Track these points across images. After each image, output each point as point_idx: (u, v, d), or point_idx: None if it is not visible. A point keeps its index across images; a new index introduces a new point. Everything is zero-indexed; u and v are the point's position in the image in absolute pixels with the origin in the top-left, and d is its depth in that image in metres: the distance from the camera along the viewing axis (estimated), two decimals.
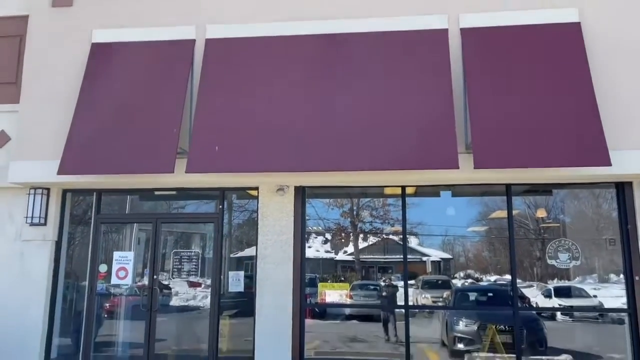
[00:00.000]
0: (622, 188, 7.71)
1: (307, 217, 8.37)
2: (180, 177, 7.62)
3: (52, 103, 8.29)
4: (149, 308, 8.23)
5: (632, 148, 7.16)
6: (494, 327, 7.82)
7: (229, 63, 7.91)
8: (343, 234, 9.03)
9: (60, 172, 7.65)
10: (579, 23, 7.54)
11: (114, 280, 8.43)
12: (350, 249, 9.01)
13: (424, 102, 7.26)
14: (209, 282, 8.40)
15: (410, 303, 7.99)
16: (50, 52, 8.54)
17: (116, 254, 8.54)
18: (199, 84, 7.82)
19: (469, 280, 8.59)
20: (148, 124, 7.68)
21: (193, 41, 8.20)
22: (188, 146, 7.59)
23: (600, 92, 7.18)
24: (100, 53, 8.32)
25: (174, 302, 8.65)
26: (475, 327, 7.95)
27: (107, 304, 8.60)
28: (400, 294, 8.07)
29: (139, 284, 8.59)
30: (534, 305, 8.11)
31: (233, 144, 7.38)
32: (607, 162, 6.71)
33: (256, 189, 8.32)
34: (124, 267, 8.42)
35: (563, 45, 7.41)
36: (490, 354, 7.76)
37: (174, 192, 8.88)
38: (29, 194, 8.29)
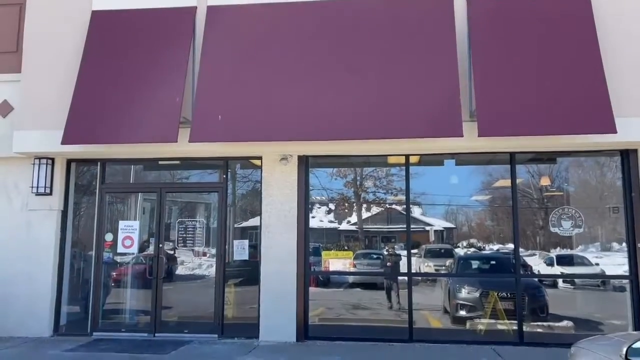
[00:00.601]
0: (627, 155, 7.68)
1: (310, 188, 8.40)
2: (183, 147, 7.62)
3: (54, 71, 8.24)
4: (155, 276, 8.33)
5: (639, 115, 7.10)
6: (496, 294, 7.91)
7: (231, 30, 7.83)
8: (346, 204, 9.06)
9: (64, 142, 7.66)
10: None
11: (120, 249, 8.53)
12: (353, 218, 9.06)
13: (428, 69, 7.19)
14: (213, 251, 8.49)
15: (413, 271, 8.07)
16: (50, 20, 8.45)
17: (122, 223, 8.62)
18: (200, 51, 7.76)
19: (472, 249, 8.65)
20: (151, 93, 7.65)
21: (194, 8, 8.10)
22: (191, 115, 7.57)
23: (606, 57, 7.08)
24: (101, 20, 8.23)
25: (180, 270, 8.76)
26: (477, 295, 8.04)
27: (114, 273, 8.71)
28: (403, 263, 8.14)
29: (145, 253, 8.68)
30: (536, 273, 8.17)
31: (236, 113, 7.36)
32: (612, 130, 6.68)
33: (260, 158, 8.32)
34: (129, 236, 8.50)
35: (570, 10, 7.29)
36: (492, 321, 7.86)
37: (177, 162, 8.90)
38: (34, 164, 8.32)
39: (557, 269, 8.11)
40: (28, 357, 6.92)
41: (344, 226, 8.99)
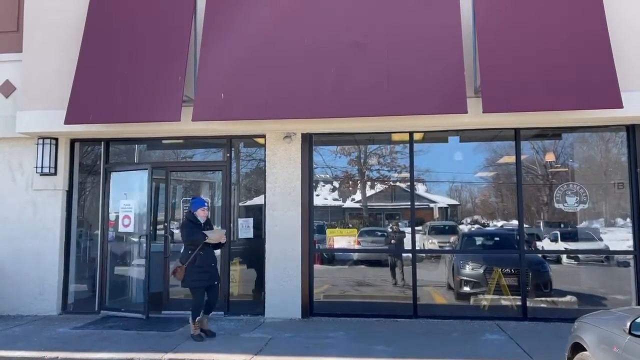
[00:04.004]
0: (633, 131, 7.63)
1: (314, 166, 8.39)
2: (186, 126, 7.60)
3: (55, 50, 8.19)
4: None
5: None
6: (499, 270, 7.94)
7: (233, 7, 7.71)
8: (351, 182, 9.06)
9: (66, 122, 7.65)
10: None
11: (121, 228, 8.43)
12: (357, 196, 9.06)
13: (432, 45, 7.10)
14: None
15: (418, 248, 8.10)
16: None
17: (121, 202, 8.47)
18: (202, 28, 7.67)
19: (476, 226, 8.67)
20: (153, 72, 7.59)
21: None
22: (194, 94, 7.52)
23: (612, 31, 6.95)
24: None
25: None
26: (481, 271, 8.07)
27: (119, 251, 8.74)
28: (407, 240, 8.16)
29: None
30: (540, 249, 8.20)
31: (239, 91, 7.32)
32: (618, 104, 6.61)
33: (263, 136, 8.30)
34: (127, 215, 8.38)
35: None
36: (496, 296, 7.91)
37: (181, 141, 8.89)
38: (38, 144, 8.32)
39: (561, 245, 8.12)
40: (37, 335, 7.02)
41: (348, 204, 9.01)
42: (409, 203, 8.09)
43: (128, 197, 8.49)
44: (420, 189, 8.62)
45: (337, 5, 7.51)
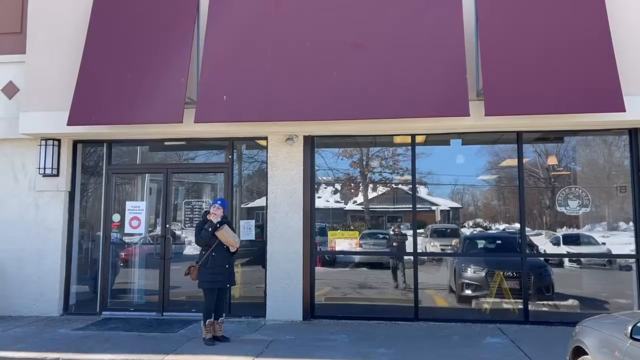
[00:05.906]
0: (636, 134, 7.62)
1: (316, 168, 8.39)
2: (189, 127, 7.61)
3: (58, 52, 8.22)
4: (162, 256, 8.40)
5: None
6: (501, 273, 7.92)
7: (235, 9, 7.74)
8: (352, 184, 9.05)
9: (69, 123, 7.68)
10: None
11: (128, 229, 8.57)
12: (359, 198, 9.05)
13: (435, 47, 7.11)
14: None
15: (419, 251, 8.09)
16: None
17: (129, 204, 8.65)
18: (205, 31, 7.69)
19: (478, 229, 8.65)
20: (156, 73, 7.62)
21: None
22: (196, 96, 7.54)
23: (615, 34, 6.95)
24: None
25: (187, 251, 8.81)
26: (483, 274, 8.06)
27: (122, 253, 8.78)
28: (409, 242, 8.15)
29: (152, 233, 8.74)
30: (542, 252, 8.17)
31: (241, 93, 7.33)
32: (621, 108, 6.60)
33: (265, 138, 8.31)
34: (137, 217, 8.54)
35: None
36: (498, 300, 7.89)
37: (183, 143, 8.91)
38: (40, 145, 8.34)
39: (563, 249, 8.10)
40: (38, 336, 7.03)
41: (350, 206, 9.00)
42: (411, 206, 8.09)
43: (139, 199, 8.75)
44: (422, 191, 8.61)
45: (339, 7, 7.52)
